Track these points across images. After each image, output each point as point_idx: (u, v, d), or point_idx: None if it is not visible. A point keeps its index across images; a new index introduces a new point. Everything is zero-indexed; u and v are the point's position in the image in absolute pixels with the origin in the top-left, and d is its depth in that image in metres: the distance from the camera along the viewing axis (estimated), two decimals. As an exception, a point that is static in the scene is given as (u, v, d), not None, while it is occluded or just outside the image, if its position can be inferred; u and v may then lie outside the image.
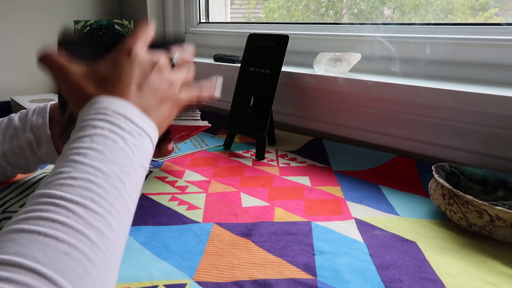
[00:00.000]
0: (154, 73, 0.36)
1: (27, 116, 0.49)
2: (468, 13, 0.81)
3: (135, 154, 0.30)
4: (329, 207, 0.50)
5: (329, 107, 0.75)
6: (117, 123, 0.30)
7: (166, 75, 0.37)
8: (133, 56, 0.35)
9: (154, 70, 0.36)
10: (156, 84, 0.36)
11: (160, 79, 0.37)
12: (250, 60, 0.73)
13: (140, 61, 0.36)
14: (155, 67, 0.36)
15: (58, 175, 0.26)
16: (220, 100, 0.95)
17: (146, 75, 0.35)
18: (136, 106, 0.33)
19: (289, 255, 0.39)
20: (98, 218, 0.24)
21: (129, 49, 0.36)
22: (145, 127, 0.32)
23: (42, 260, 0.20)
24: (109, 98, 0.32)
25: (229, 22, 1.17)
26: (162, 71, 0.37)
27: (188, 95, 0.41)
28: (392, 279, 0.36)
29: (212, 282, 0.35)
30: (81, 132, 0.29)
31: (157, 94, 0.36)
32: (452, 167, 0.53)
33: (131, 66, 0.35)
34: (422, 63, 0.70)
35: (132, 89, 0.34)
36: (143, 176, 0.31)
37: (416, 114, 0.64)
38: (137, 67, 0.35)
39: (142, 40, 0.37)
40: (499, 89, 0.55)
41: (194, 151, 0.72)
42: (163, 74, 0.37)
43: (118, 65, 0.35)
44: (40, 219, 0.22)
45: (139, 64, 0.35)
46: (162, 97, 0.36)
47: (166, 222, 0.45)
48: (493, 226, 0.41)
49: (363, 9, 0.98)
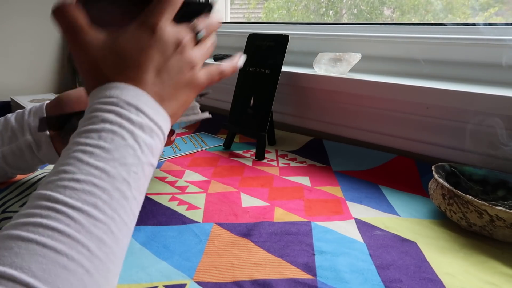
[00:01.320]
0: (176, 55, 0.32)
1: (23, 117, 0.48)
2: (468, 13, 0.81)
3: (143, 152, 0.28)
4: (329, 207, 0.50)
5: (329, 107, 0.75)
6: (127, 116, 0.28)
7: (188, 56, 0.33)
8: (157, 34, 0.31)
9: (177, 50, 0.32)
10: (176, 68, 0.32)
11: (182, 61, 0.33)
12: (250, 60, 0.73)
13: (164, 40, 0.31)
14: (179, 47, 0.32)
15: (62, 175, 0.25)
16: (220, 100, 0.95)
17: (168, 58, 0.32)
18: (151, 96, 0.30)
19: (289, 255, 0.39)
20: (100, 226, 0.23)
21: (153, 24, 0.31)
22: (158, 120, 0.30)
23: (38, 274, 0.20)
24: (123, 85, 0.29)
25: (229, 22, 1.17)
26: (185, 50, 0.33)
27: (209, 76, 0.37)
28: (392, 279, 0.36)
29: (212, 282, 0.35)
30: (89, 124, 0.27)
31: (176, 79, 0.33)
32: (452, 167, 0.53)
33: (153, 47, 0.31)
34: (422, 63, 0.70)
35: (150, 75, 0.31)
36: (150, 174, 0.29)
37: (416, 114, 0.63)
38: (160, 48, 0.31)
39: (171, 11, 0.32)
40: (499, 89, 0.55)
41: (194, 151, 0.72)
42: (185, 54, 0.33)
43: (139, 43, 0.31)
44: (39, 226, 0.22)
45: (162, 44, 0.31)
46: (181, 82, 0.33)
47: (166, 222, 0.45)
48: (493, 226, 0.41)
49: (363, 9, 0.98)
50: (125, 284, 0.34)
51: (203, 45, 0.36)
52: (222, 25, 1.09)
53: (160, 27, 0.31)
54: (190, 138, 0.80)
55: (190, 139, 0.80)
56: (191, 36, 0.34)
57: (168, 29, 0.32)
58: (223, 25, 1.08)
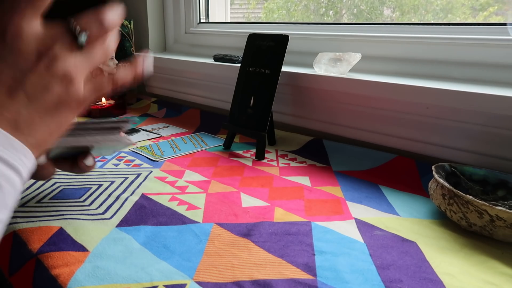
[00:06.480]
0: (40, 67, 0.24)
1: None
2: (468, 13, 0.81)
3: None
4: (329, 207, 0.50)
5: (329, 107, 0.75)
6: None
7: (60, 68, 0.25)
8: (8, 40, 0.23)
9: (41, 62, 0.24)
10: (40, 85, 0.24)
11: (49, 75, 0.24)
12: (250, 60, 0.73)
13: (19, 48, 0.23)
14: (44, 57, 0.24)
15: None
16: (220, 100, 0.95)
17: (26, 72, 0.24)
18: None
19: (289, 255, 0.39)
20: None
21: (2, 28, 0.23)
22: (9, 158, 0.23)
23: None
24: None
25: (229, 22, 1.17)
26: (55, 61, 0.25)
27: (96, 88, 0.28)
28: (392, 279, 0.36)
29: (212, 283, 0.35)
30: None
31: (40, 99, 0.25)
32: (452, 167, 0.53)
33: (1, 57, 0.23)
34: (422, 63, 0.70)
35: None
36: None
37: (416, 114, 0.63)
38: (12, 59, 0.23)
39: (29, 8, 0.24)
40: (499, 89, 0.55)
41: (194, 151, 0.72)
42: (55, 66, 0.25)
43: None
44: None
45: (16, 54, 0.23)
46: (49, 103, 0.25)
47: (166, 222, 0.45)
48: (493, 226, 0.41)
49: (362, 9, 0.98)
50: (125, 284, 0.34)
51: (91, 52, 0.27)
52: (222, 25, 1.09)
53: (13, 30, 0.23)
54: (190, 138, 0.80)
55: (190, 139, 0.80)
56: (66, 40, 0.25)
57: (26, 32, 0.24)
58: (223, 25, 1.08)
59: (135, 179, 0.57)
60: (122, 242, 0.41)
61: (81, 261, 0.37)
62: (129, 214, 0.47)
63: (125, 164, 0.64)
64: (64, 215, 0.45)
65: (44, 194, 0.51)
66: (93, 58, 0.27)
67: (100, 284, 0.34)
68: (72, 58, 0.26)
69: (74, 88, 0.26)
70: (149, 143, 0.76)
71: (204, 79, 0.97)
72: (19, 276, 0.38)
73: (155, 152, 0.71)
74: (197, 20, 1.13)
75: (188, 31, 1.14)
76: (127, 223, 0.45)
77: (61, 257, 0.37)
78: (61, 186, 0.53)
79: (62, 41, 0.25)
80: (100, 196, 0.51)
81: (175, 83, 1.06)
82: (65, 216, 0.45)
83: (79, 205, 0.48)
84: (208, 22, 1.15)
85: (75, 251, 0.38)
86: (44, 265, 0.37)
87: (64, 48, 0.25)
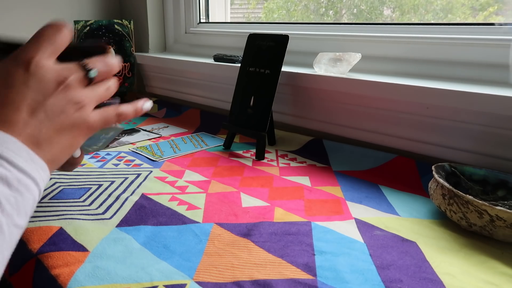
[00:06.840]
0: (58, 93, 0.29)
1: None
2: (468, 13, 0.81)
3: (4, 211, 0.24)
4: (329, 207, 0.50)
5: (329, 107, 0.75)
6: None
7: (74, 95, 0.30)
8: (32, 70, 0.28)
9: (59, 89, 0.29)
10: (57, 108, 0.29)
11: (65, 100, 0.30)
12: (250, 60, 0.73)
13: (40, 76, 0.29)
14: (62, 85, 0.30)
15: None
16: (220, 100, 0.95)
17: (46, 96, 0.29)
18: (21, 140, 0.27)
19: (289, 255, 0.39)
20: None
21: (27, 60, 0.28)
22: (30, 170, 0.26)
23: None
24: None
25: (229, 22, 1.17)
26: (70, 89, 0.30)
27: (104, 117, 0.34)
28: (392, 279, 0.36)
29: (212, 283, 0.35)
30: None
31: (57, 120, 0.29)
32: (452, 167, 0.53)
33: (26, 83, 0.28)
34: (422, 63, 0.70)
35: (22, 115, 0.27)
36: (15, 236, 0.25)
37: (416, 114, 0.63)
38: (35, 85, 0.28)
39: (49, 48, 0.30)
40: (499, 89, 0.55)
41: (194, 151, 0.72)
42: (70, 93, 0.30)
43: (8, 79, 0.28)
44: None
45: (38, 81, 0.28)
46: (65, 124, 0.30)
47: (166, 222, 0.45)
48: (493, 226, 0.41)
49: (362, 9, 0.98)
50: (125, 284, 0.34)
51: (96, 86, 0.33)
52: (222, 25, 1.09)
53: (36, 62, 0.29)
54: (190, 138, 0.80)
55: (190, 139, 0.80)
56: (80, 74, 0.31)
57: (47, 65, 0.29)
58: (223, 25, 1.08)
59: (135, 179, 0.57)
60: (122, 242, 0.41)
61: (81, 261, 0.37)
62: (129, 214, 0.47)
63: (125, 164, 0.64)
64: (64, 215, 0.45)
65: (44, 194, 0.51)
66: (99, 92, 0.33)
67: (100, 284, 0.34)
68: (83, 89, 0.32)
69: (85, 113, 0.32)
70: (149, 143, 0.76)
71: (204, 79, 0.97)
72: (19, 276, 0.38)
73: (155, 152, 0.71)
74: (197, 20, 1.13)
75: (188, 31, 1.14)
76: (127, 223, 0.45)
77: (61, 257, 0.37)
78: (61, 186, 0.53)
79: (76, 75, 0.31)
80: (100, 196, 0.51)
81: (175, 83, 1.06)
82: (65, 216, 0.45)
83: (79, 205, 0.48)
84: (208, 22, 1.15)
85: (75, 251, 0.38)
86: (44, 265, 0.37)
87: (77, 80, 0.31)
